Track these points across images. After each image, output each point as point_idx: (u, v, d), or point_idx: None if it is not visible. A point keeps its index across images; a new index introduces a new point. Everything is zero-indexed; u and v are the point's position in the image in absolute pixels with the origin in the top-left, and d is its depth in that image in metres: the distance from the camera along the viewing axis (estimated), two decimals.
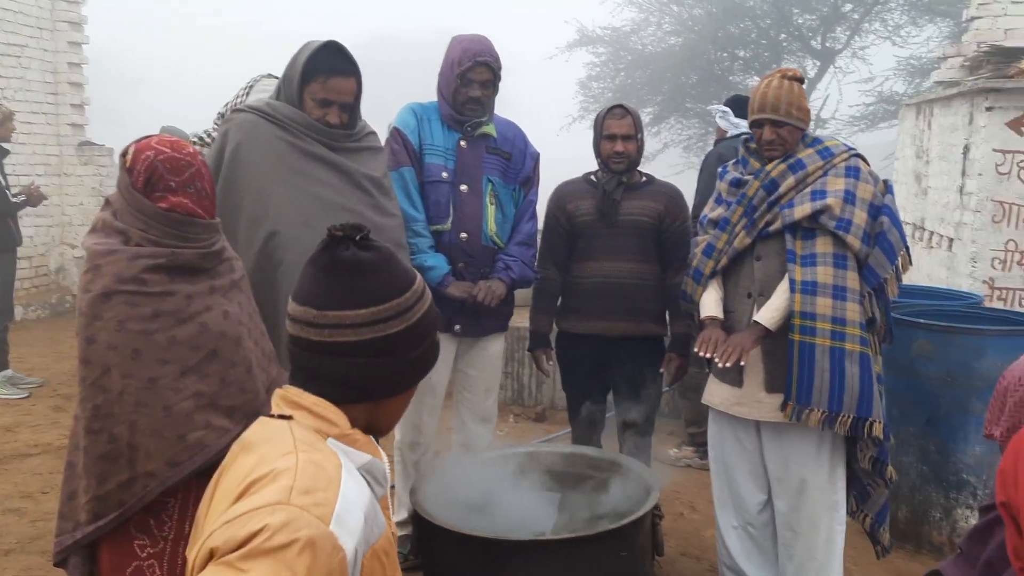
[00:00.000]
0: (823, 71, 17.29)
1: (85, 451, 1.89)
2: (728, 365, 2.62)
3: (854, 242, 2.61)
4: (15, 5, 8.59)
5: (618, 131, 3.21)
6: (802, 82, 2.70)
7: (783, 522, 2.84)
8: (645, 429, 3.35)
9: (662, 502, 2.65)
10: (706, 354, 2.68)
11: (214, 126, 3.12)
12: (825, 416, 2.60)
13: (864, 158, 2.76)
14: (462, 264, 3.12)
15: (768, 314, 2.65)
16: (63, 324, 8.26)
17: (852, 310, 2.60)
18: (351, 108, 2.66)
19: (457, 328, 3.17)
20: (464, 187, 3.12)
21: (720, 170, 2.98)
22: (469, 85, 3.04)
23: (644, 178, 3.36)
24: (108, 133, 10.25)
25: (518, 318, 3.59)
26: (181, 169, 1.95)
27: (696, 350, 2.74)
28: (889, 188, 2.74)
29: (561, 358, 3.47)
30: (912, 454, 3.65)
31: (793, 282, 2.62)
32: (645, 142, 3.41)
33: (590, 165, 3.43)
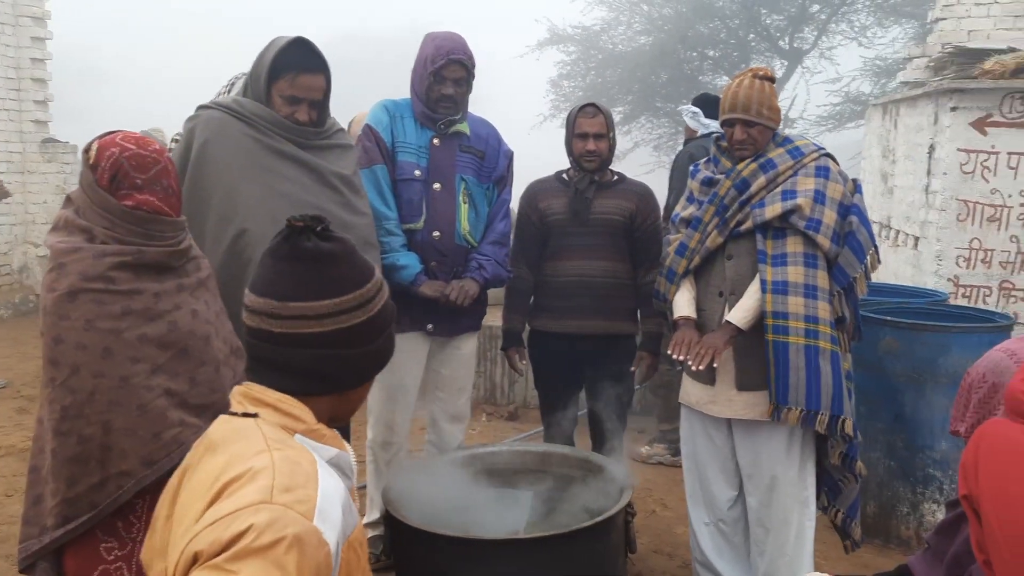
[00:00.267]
0: (791, 71, 17.45)
1: (53, 453, 1.85)
2: (701, 368, 2.64)
3: (824, 242, 2.63)
4: None
5: (590, 129, 3.21)
6: (773, 81, 2.72)
7: (754, 518, 2.87)
8: (617, 427, 3.36)
9: (634, 499, 2.66)
10: (679, 356, 2.69)
11: None
12: (803, 414, 2.62)
13: (833, 158, 2.79)
14: (435, 263, 3.11)
15: (739, 314, 2.67)
16: (27, 324, 8.11)
17: (823, 309, 2.63)
18: (320, 105, 2.63)
19: (430, 327, 3.16)
20: (437, 185, 3.10)
21: (692, 169, 3.00)
22: (442, 83, 3.03)
23: (616, 177, 3.37)
24: (73, 130, 10.07)
25: (491, 317, 3.59)
26: (147, 166, 1.92)
27: (669, 352, 2.75)
28: (858, 188, 2.77)
29: (534, 357, 3.47)
30: (880, 450, 3.70)
31: (764, 282, 2.64)
32: (616, 141, 3.42)
33: (561, 164, 3.43)
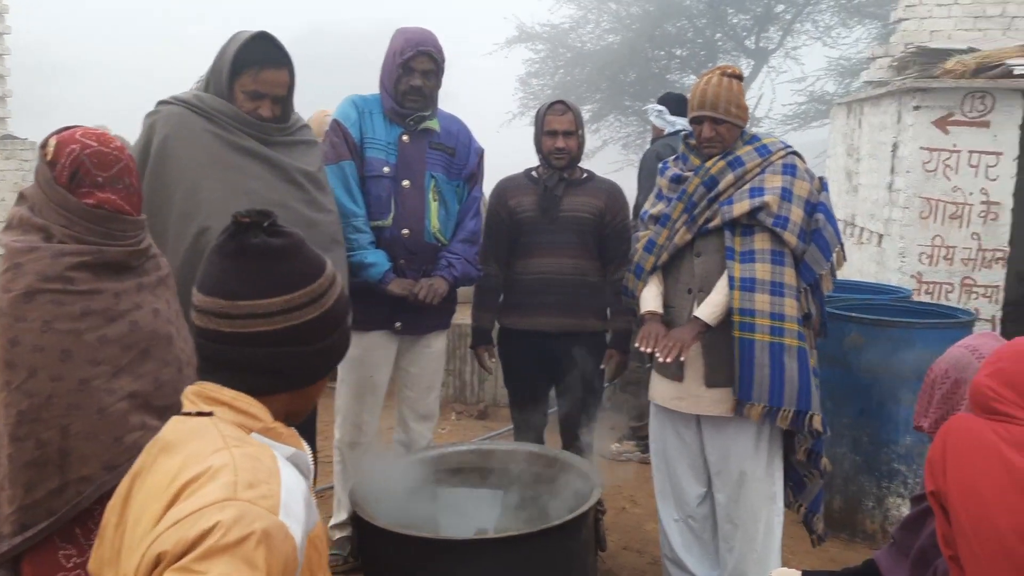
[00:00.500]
0: (757, 70, 17.63)
1: (9, 459, 1.80)
2: (669, 360, 2.64)
3: (791, 239, 2.65)
4: None
5: (559, 127, 3.21)
6: (741, 79, 2.73)
7: (723, 514, 2.88)
8: (587, 424, 3.36)
9: (604, 497, 2.66)
10: (647, 349, 2.70)
11: None
12: (766, 410, 2.64)
13: (800, 155, 2.81)
14: (403, 261, 3.08)
15: (708, 310, 2.68)
16: None
17: (790, 306, 2.65)
18: (284, 101, 2.60)
19: (398, 325, 3.13)
20: (406, 182, 3.07)
21: (661, 166, 3.00)
22: (410, 74, 3.00)
23: (585, 174, 3.36)
24: (31, 126, 9.85)
25: (460, 315, 3.56)
26: (109, 164, 1.87)
27: (636, 345, 2.75)
28: (824, 185, 2.80)
29: (503, 355, 3.46)
30: (845, 445, 3.74)
31: (732, 279, 2.65)
32: (585, 138, 3.42)
33: (531, 161, 3.42)
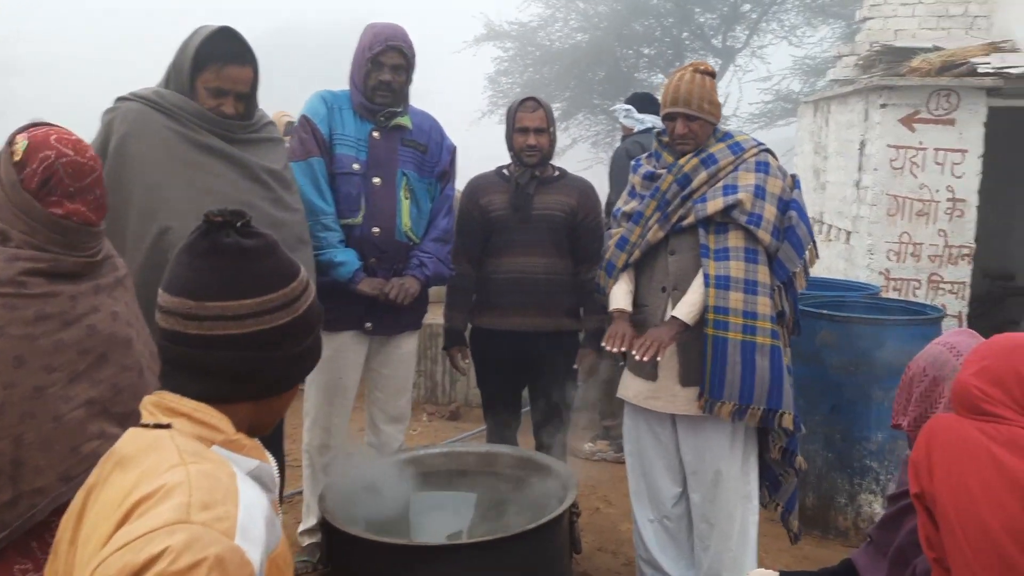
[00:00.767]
0: (724, 69, 17.74)
1: None
2: (646, 359, 2.62)
3: (764, 236, 2.64)
4: None
5: (530, 124, 3.17)
6: (714, 76, 2.72)
7: (698, 514, 2.86)
8: (560, 425, 3.33)
9: (578, 497, 2.63)
10: (613, 348, 2.67)
11: None
12: (736, 408, 2.63)
13: (773, 153, 2.81)
14: (374, 260, 3.02)
15: (685, 309, 2.66)
16: None
17: (763, 304, 2.63)
18: (247, 98, 2.54)
19: (368, 326, 3.07)
20: (377, 180, 3.01)
21: (634, 163, 2.98)
22: (380, 69, 2.94)
23: (557, 172, 3.33)
24: None
25: (431, 314, 3.51)
26: (83, 174, 1.79)
27: (603, 344, 2.72)
28: (797, 183, 2.79)
29: (476, 355, 3.42)
30: (818, 442, 3.75)
31: (707, 276, 2.64)
32: (557, 136, 3.38)
33: (501, 159, 3.38)
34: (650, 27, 17.83)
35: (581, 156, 17.61)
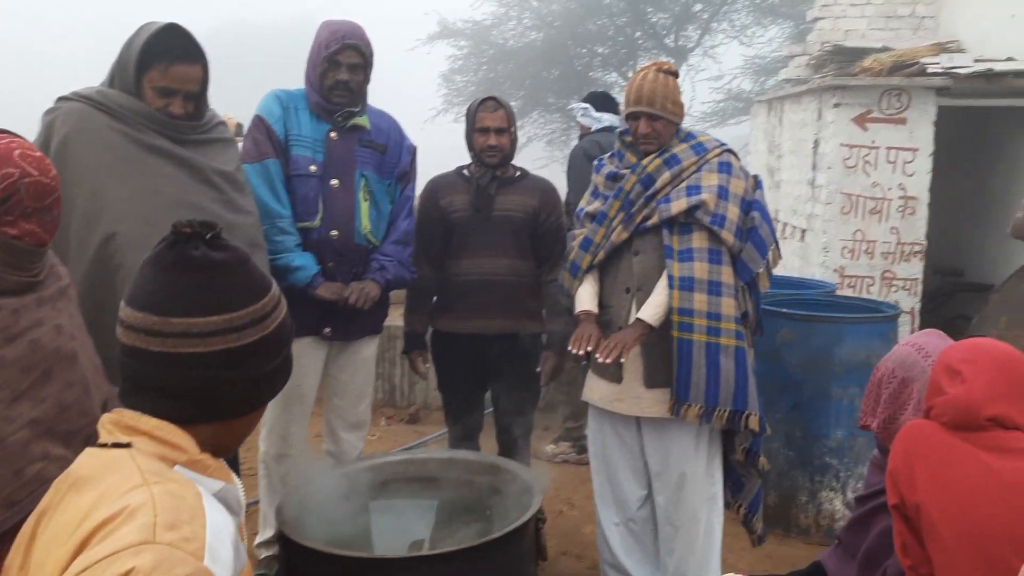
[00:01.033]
0: (677, 68, 17.95)
1: None
2: (609, 362, 2.58)
3: (728, 237, 2.63)
4: None
5: (491, 124, 3.12)
6: (677, 76, 2.69)
7: (663, 517, 2.84)
8: (524, 428, 3.28)
9: (542, 501, 2.58)
10: (580, 351, 2.64)
11: None
12: (702, 411, 2.61)
13: (735, 153, 2.80)
14: (332, 263, 2.93)
15: (650, 311, 2.64)
16: None
17: (727, 305, 2.62)
18: (197, 98, 2.44)
19: (327, 331, 2.99)
20: (335, 182, 2.93)
21: (597, 163, 2.95)
22: (337, 68, 2.86)
23: (519, 172, 3.28)
24: None
25: (388, 316, 3.43)
26: (44, 195, 1.70)
27: (570, 348, 2.69)
28: (759, 184, 2.78)
29: (437, 358, 3.35)
30: (779, 440, 3.76)
31: (671, 278, 2.61)
32: (518, 135, 3.34)
33: (456, 159, 3.33)
34: (604, 26, 17.93)
35: (536, 155, 17.64)
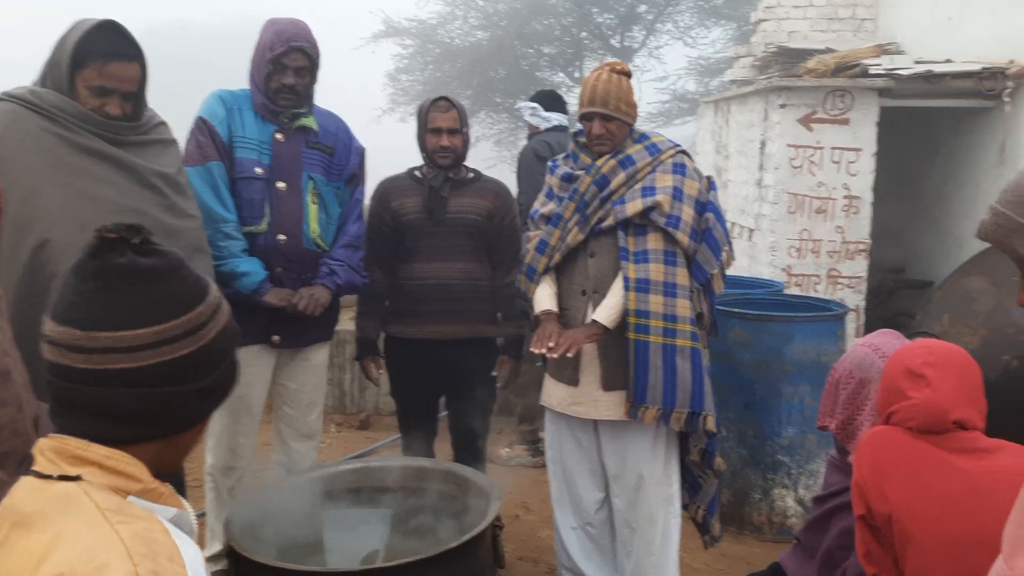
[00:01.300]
0: None
1: None
2: (556, 356, 2.55)
3: (683, 238, 2.62)
4: None
5: (443, 125, 3.06)
6: (630, 76, 2.68)
7: (621, 519, 2.83)
8: (479, 434, 3.24)
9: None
10: (543, 350, 2.61)
11: None
12: (660, 413, 2.60)
13: (688, 154, 2.80)
14: (280, 269, 2.84)
15: (605, 312, 2.62)
16: None
17: (682, 306, 2.62)
18: (135, 97, 2.34)
19: (276, 339, 2.90)
20: (281, 184, 2.84)
21: (551, 164, 2.92)
22: (283, 72, 2.78)
23: (472, 174, 3.23)
24: None
25: (339, 321, 3.36)
26: None
27: (532, 348, 2.65)
28: (712, 185, 2.78)
29: (390, 364, 3.29)
30: (732, 439, 3.79)
31: (627, 280, 2.60)
32: (470, 136, 3.29)
33: (406, 158, 3.26)
34: (550, 26, 17.97)
35: (485, 155, 17.60)
